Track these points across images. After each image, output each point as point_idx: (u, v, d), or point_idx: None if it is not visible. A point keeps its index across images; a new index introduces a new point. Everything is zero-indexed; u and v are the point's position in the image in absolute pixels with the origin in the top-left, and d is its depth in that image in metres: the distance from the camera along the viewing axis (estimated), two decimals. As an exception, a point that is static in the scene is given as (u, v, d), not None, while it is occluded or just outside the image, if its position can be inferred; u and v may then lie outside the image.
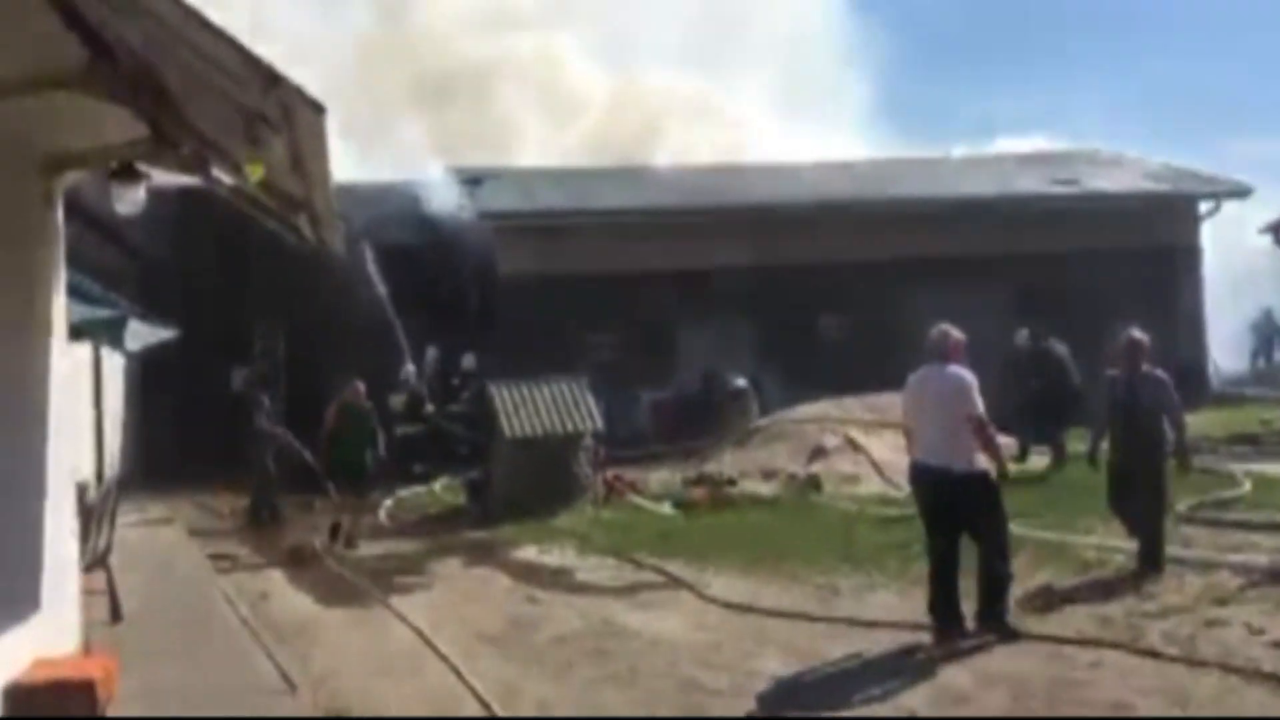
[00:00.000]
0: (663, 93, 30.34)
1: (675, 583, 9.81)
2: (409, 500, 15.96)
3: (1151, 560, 8.60)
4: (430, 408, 17.66)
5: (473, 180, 21.25)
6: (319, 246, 6.32)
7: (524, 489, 13.97)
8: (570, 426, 14.51)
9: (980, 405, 7.42)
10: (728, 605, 8.84)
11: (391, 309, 18.64)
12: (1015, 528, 9.88)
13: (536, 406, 14.60)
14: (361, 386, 13.29)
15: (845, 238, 21.52)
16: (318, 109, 3.91)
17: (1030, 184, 23.59)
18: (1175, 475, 9.00)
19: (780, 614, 8.46)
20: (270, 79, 3.63)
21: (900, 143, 53.02)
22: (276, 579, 11.12)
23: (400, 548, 12.61)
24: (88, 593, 7.58)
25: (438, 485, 16.81)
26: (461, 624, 8.70)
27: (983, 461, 7.49)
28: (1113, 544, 9.35)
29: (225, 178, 5.19)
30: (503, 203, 20.98)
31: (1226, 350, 26.36)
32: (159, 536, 13.04)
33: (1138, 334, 9.06)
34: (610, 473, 15.25)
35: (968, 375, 7.54)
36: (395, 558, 11.95)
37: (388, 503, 15.36)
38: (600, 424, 14.82)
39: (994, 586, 7.36)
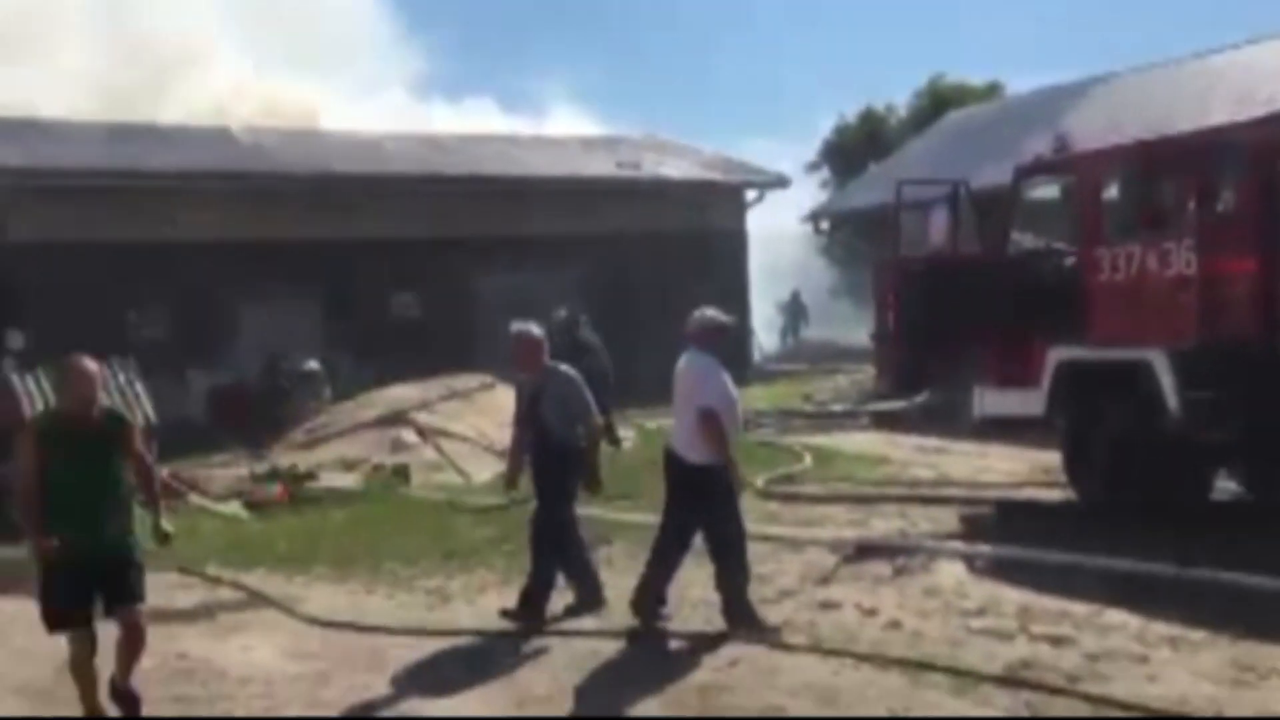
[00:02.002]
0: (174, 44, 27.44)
1: (260, 600, 8.64)
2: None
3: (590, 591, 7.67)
4: None
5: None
6: None
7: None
8: (117, 418, 12.53)
9: (712, 397, 6.85)
10: (328, 624, 7.86)
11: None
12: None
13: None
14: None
15: (419, 213, 20.75)
16: None
17: (597, 167, 24.08)
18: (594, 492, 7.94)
19: (392, 630, 7.61)
20: None
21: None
22: None
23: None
24: None
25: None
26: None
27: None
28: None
29: None
30: (7, 159, 17.88)
31: (765, 329, 28.83)
32: None
33: (530, 329, 7.68)
34: (165, 470, 13.40)
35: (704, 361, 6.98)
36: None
37: None
38: (153, 415, 12.99)
39: (737, 588, 6.97)
